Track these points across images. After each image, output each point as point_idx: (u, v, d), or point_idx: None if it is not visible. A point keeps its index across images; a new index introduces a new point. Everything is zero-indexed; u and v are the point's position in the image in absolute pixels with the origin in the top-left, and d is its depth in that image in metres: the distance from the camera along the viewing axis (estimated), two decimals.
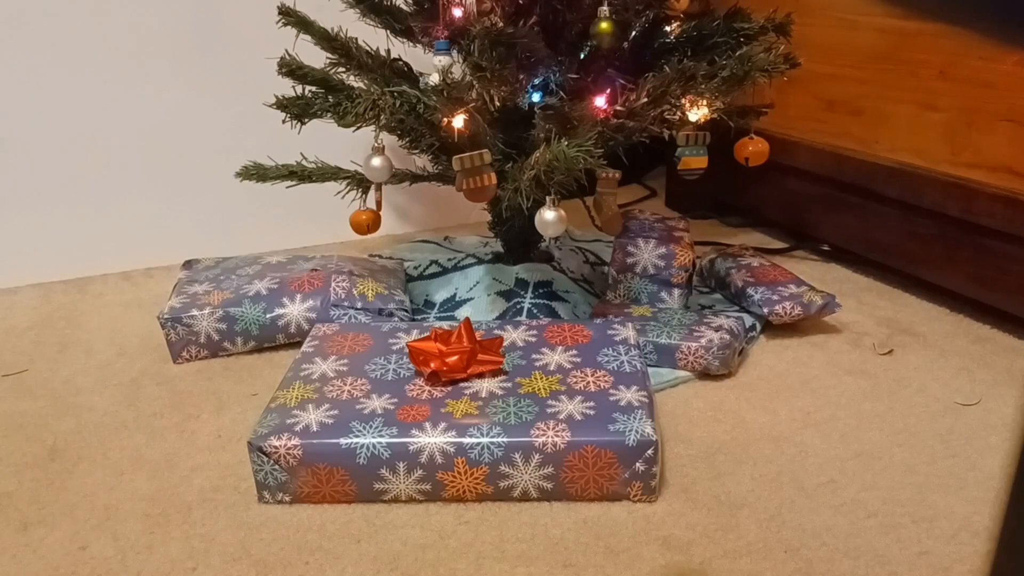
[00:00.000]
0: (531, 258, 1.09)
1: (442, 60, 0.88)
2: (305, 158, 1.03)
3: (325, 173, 1.01)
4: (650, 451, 0.69)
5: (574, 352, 0.82)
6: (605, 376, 0.78)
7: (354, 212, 1.00)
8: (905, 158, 1.10)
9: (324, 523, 0.69)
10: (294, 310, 0.97)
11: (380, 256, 1.24)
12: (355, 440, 0.70)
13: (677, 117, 0.92)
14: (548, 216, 0.86)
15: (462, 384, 0.77)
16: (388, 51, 0.99)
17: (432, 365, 0.77)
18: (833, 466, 0.76)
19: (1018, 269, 0.97)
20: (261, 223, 1.31)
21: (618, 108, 0.89)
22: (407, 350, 0.82)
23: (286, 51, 0.92)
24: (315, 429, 0.71)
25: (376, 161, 0.94)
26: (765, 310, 1.00)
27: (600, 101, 0.89)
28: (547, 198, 0.85)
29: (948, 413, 0.84)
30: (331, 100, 0.92)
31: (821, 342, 1.00)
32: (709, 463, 0.76)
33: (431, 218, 1.44)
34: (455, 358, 0.77)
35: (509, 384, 0.77)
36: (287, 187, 1.03)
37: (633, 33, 0.99)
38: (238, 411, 0.86)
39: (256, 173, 1.01)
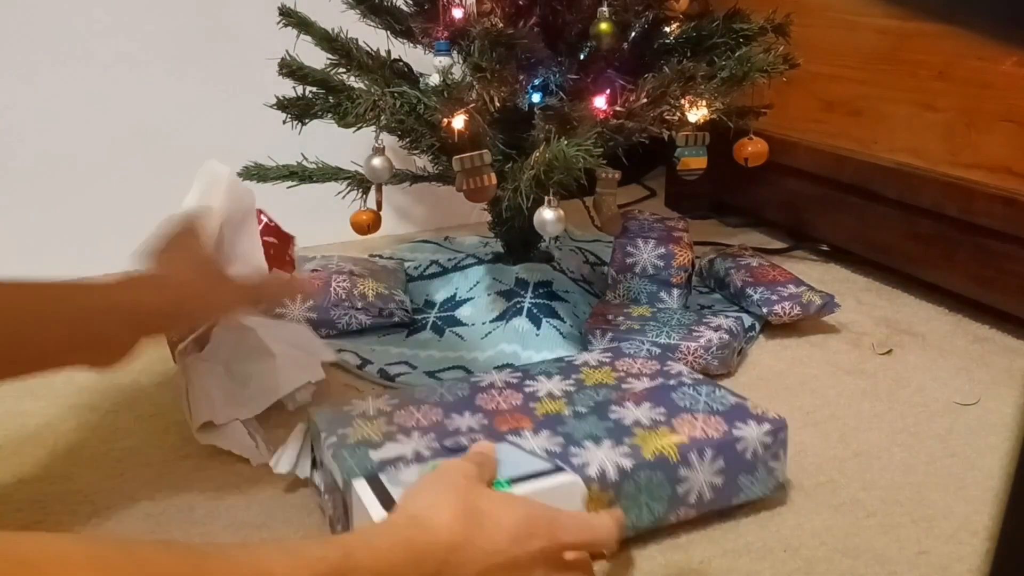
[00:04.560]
0: (531, 258, 1.09)
1: (442, 61, 0.89)
2: (305, 158, 1.03)
3: (325, 173, 1.02)
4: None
5: (649, 404, 0.71)
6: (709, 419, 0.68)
7: (354, 212, 1.00)
8: (904, 158, 1.10)
9: (325, 523, 0.69)
10: (294, 309, 0.97)
11: (380, 256, 1.24)
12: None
13: (677, 117, 0.92)
14: (547, 216, 0.86)
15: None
16: (388, 52, 0.99)
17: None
18: (832, 466, 0.76)
19: (1018, 269, 0.97)
20: None
21: (618, 108, 0.89)
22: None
23: (286, 51, 0.92)
24: (427, 454, 0.63)
25: (376, 161, 0.94)
26: (764, 310, 1.00)
27: (600, 101, 0.90)
28: (546, 198, 0.85)
29: (947, 413, 0.84)
30: (331, 101, 0.92)
31: (820, 342, 1.00)
32: None
33: (431, 218, 1.44)
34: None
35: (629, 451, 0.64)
36: (287, 187, 1.03)
37: (633, 33, 0.99)
38: None
39: (256, 173, 1.01)
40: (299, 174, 1.01)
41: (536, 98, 0.94)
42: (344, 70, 0.95)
